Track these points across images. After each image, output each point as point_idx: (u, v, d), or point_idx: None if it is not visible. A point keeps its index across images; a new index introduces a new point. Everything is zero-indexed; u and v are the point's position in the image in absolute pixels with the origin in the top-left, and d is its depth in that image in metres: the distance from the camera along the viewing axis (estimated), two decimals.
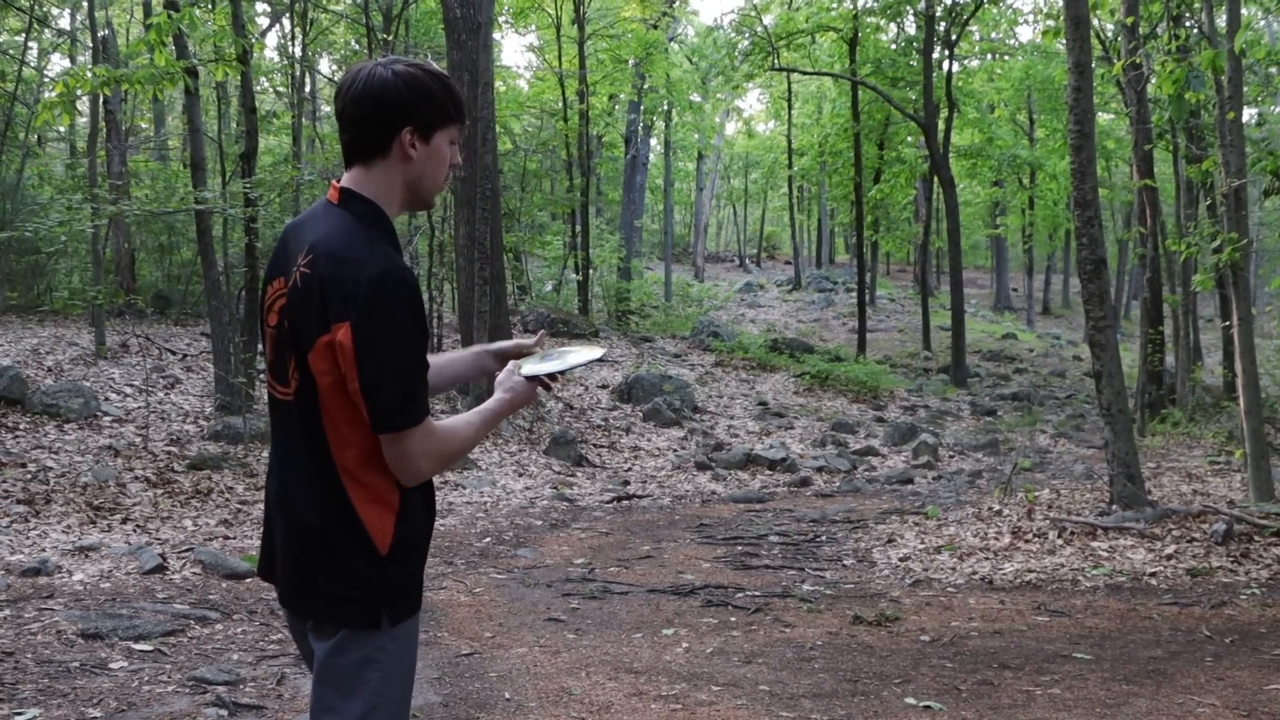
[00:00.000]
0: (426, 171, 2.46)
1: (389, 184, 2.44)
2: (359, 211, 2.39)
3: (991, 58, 37.72)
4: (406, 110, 2.38)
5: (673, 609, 7.42)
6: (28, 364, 13.96)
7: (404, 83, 2.37)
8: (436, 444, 2.35)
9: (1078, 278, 11.52)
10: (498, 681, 5.70)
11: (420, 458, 2.32)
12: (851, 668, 5.95)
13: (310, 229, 2.40)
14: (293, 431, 2.41)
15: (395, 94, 2.36)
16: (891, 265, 53.50)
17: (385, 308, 2.23)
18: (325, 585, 2.37)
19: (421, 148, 2.43)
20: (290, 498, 2.43)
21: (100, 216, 14.55)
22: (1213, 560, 8.29)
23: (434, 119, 2.43)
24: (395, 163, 2.42)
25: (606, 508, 12.14)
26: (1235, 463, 12.33)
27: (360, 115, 2.38)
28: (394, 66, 2.39)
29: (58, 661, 5.70)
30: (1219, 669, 5.86)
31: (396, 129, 2.38)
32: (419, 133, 2.41)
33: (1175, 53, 11.22)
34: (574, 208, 27.89)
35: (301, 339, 2.32)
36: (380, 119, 2.37)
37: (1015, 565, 8.54)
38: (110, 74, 11.82)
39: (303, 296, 2.30)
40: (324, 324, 2.26)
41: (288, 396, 2.40)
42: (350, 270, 2.25)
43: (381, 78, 2.36)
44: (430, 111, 2.42)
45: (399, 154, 2.41)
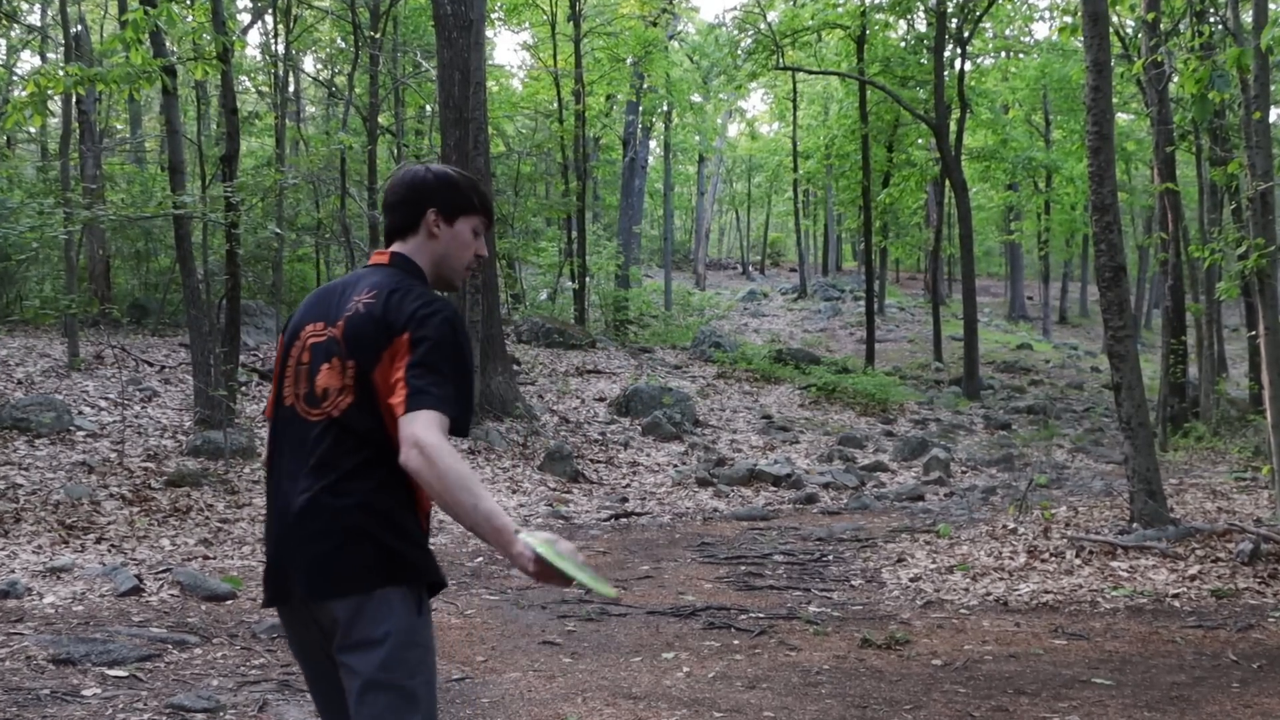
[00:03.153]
0: (451, 251, 2.97)
1: (421, 258, 2.95)
2: (409, 269, 2.92)
3: (1006, 56, 37.83)
4: (432, 194, 2.93)
5: (673, 631, 7.41)
6: None
7: (434, 175, 2.96)
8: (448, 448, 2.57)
9: (1096, 285, 11.54)
10: (490, 708, 5.70)
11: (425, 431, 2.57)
12: (860, 693, 5.94)
13: (365, 280, 2.89)
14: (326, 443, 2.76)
15: (424, 181, 2.94)
16: (901, 273, 53.58)
17: (440, 325, 2.70)
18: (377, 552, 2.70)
19: (445, 228, 2.94)
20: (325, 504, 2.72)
21: (73, 222, 14.54)
22: (1239, 581, 8.28)
23: (456, 205, 2.95)
24: (423, 240, 2.95)
25: (604, 526, 12.14)
26: (1262, 479, 12.32)
27: (397, 200, 2.95)
28: (431, 167, 2.98)
29: (27, 689, 5.69)
30: (1246, 695, 5.85)
31: (424, 209, 2.92)
32: (443, 214, 2.93)
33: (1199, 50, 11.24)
34: (570, 213, 27.92)
35: (365, 357, 2.74)
36: (412, 201, 2.93)
37: (1031, 586, 8.53)
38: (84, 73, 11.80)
39: (367, 320, 2.76)
40: (388, 338, 2.71)
41: (322, 416, 2.79)
42: (413, 299, 2.75)
43: (416, 171, 2.97)
44: (453, 197, 2.95)
45: (426, 232, 2.94)
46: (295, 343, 2.94)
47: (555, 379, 20.09)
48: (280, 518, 2.85)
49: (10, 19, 22.54)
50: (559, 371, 20.74)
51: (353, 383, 2.76)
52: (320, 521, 2.73)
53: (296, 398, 2.86)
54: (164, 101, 15.17)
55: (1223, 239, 13.74)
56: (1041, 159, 34.72)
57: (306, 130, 27.77)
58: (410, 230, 2.95)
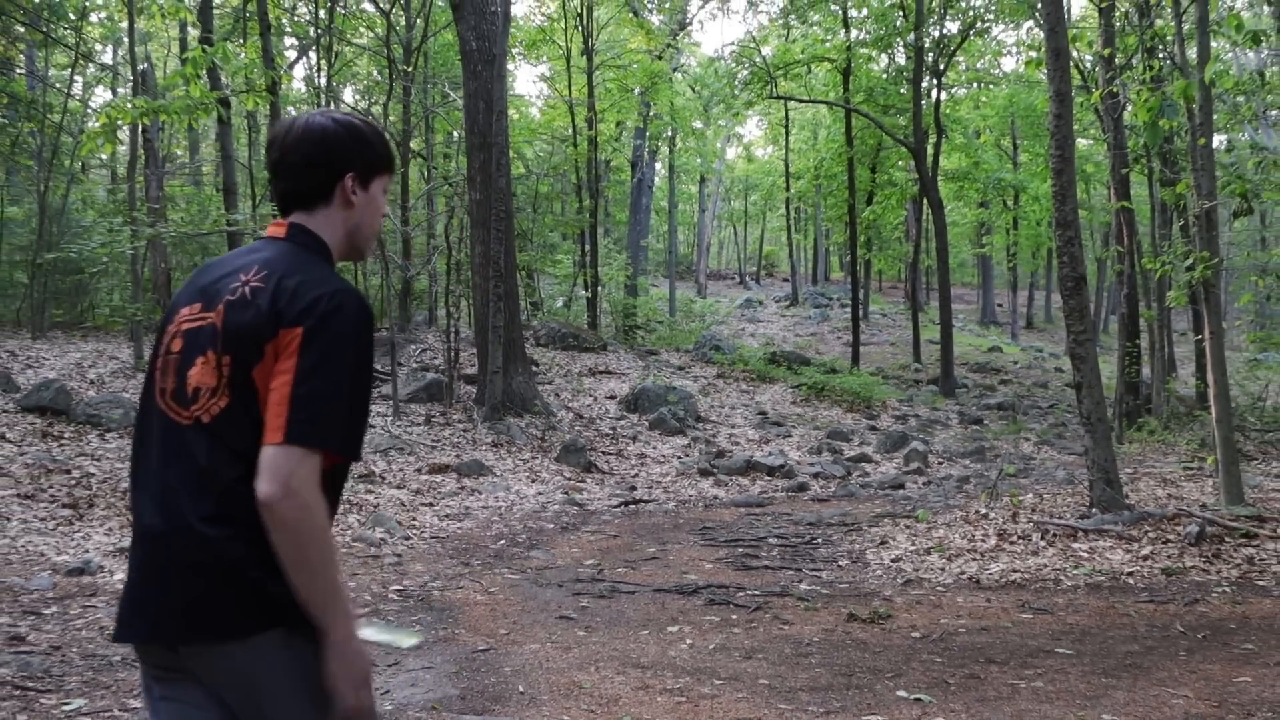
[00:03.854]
0: (364, 219, 2.38)
1: (330, 231, 2.34)
2: (309, 245, 2.30)
3: (977, 86, 37.76)
4: (349, 156, 2.31)
5: (677, 607, 7.43)
6: (71, 377, 14.01)
7: (346, 131, 2.31)
8: (318, 496, 2.04)
9: (1059, 294, 11.54)
10: (512, 676, 5.72)
11: (302, 486, 2.01)
12: (846, 662, 5.96)
13: (254, 255, 2.26)
14: (198, 454, 2.12)
15: (338, 141, 2.30)
16: (884, 282, 53.45)
17: (341, 324, 2.10)
18: (258, 592, 2.08)
19: (361, 194, 2.35)
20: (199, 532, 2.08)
21: (139, 238, 14.63)
22: (1186, 560, 8.29)
23: (373, 166, 2.36)
24: (336, 210, 2.33)
25: (615, 512, 12.16)
26: (1207, 468, 12.32)
27: (301, 161, 2.29)
28: (333, 116, 2.33)
29: (100, 656, 5.73)
30: (1192, 663, 5.86)
31: (340, 175, 2.31)
32: (360, 179, 2.34)
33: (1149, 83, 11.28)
34: (583, 228, 27.93)
35: (245, 351, 2.11)
36: (324, 165, 2.29)
37: (1001, 566, 8.55)
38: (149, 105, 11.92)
39: (251, 307, 2.13)
40: (274, 329, 2.09)
41: (190, 420, 2.15)
42: (311, 286, 2.13)
43: (323, 125, 2.30)
44: (371, 158, 2.35)
45: (340, 200, 2.33)
46: (169, 326, 2.29)
47: (570, 379, 20.11)
48: (145, 540, 2.17)
49: (86, 59, 22.68)
50: (574, 372, 20.76)
51: (228, 382, 2.12)
52: (193, 553, 2.08)
53: (163, 394, 2.22)
54: (219, 130, 15.24)
55: (1172, 252, 13.76)
56: (1010, 180, 34.67)
57: None
58: (319, 199, 2.32)
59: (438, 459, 13.42)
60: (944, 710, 5.14)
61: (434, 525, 10.65)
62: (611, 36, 31.97)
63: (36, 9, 18.83)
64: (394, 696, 5.29)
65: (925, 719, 5.03)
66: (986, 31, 31.30)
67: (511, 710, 5.15)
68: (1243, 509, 9.43)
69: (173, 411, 2.18)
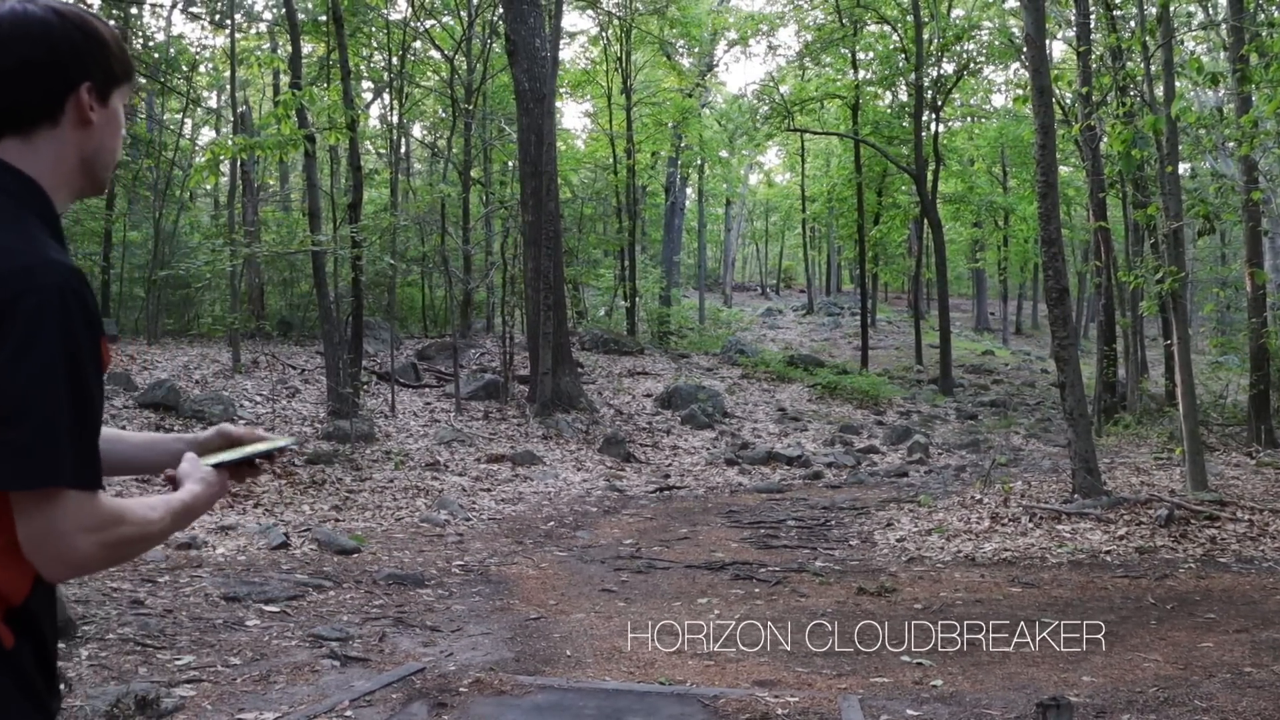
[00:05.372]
0: (105, 141, 1.49)
1: (56, 161, 1.43)
2: (8, 188, 1.38)
3: (971, 120, 37.51)
4: (81, 60, 1.42)
5: (706, 582, 7.45)
6: (180, 377, 14.20)
7: (75, 26, 1.42)
8: (102, 519, 1.32)
9: (1045, 303, 11.47)
10: (560, 641, 5.76)
11: (79, 534, 1.29)
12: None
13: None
14: None
15: (67, 40, 1.41)
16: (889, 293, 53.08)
17: (37, 311, 1.26)
18: None
19: (100, 110, 1.46)
20: None
21: (237, 257, 14.81)
22: (1157, 540, 8.22)
23: (113, 75, 1.48)
24: (68, 131, 1.43)
25: (650, 497, 12.18)
26: (1176, 458, 12.19)
27: (18, 66, 1.38)
28: (50, 4, 1.42)
29: (206, 619, 5.82)
30: (1161, 630, 5.82)
31: (72, 86, 1.42)
32: (99, 91, 1.45)
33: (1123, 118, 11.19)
34: (623, 246, 27.97)
35: None
36: (49, 71, 1.40)
37: (993, 545, 8.50)
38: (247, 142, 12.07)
39: None
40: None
41: None
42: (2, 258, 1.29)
43: (42, 18, 1.40)
44: (109, 64, 1.47)
45: (74, 119, 1.43)
46: None
47: (611, 379, 20.14)
48: None
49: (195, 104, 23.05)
50: (614, 373, 20.79)
51: None
52: None
53: None
54: (305, 162, 15.38)
55: (1144, 267, 13.60)
56: (1000, 202, 34.43)
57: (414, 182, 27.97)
58: (43, 118, 1.41)
59: (494, 450, 13.49)
60: (942, 673, 5.13)
61: (491, 508, 10.72)
62: (647, 77, 32.01)
63: (156, 63, 19.19)
64: (456, 659, 5.33)
65: (926, 680, 5.02)
66: (979, 72, 31.11)
67: (560, 671, 5.19)
68: (1206, 494, 9.35)
69: None
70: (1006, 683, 4.94)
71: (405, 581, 7.08)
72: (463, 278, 21.38)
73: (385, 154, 27.68)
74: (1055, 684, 4.86)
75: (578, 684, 4.89)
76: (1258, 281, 14.14)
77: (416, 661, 5.23)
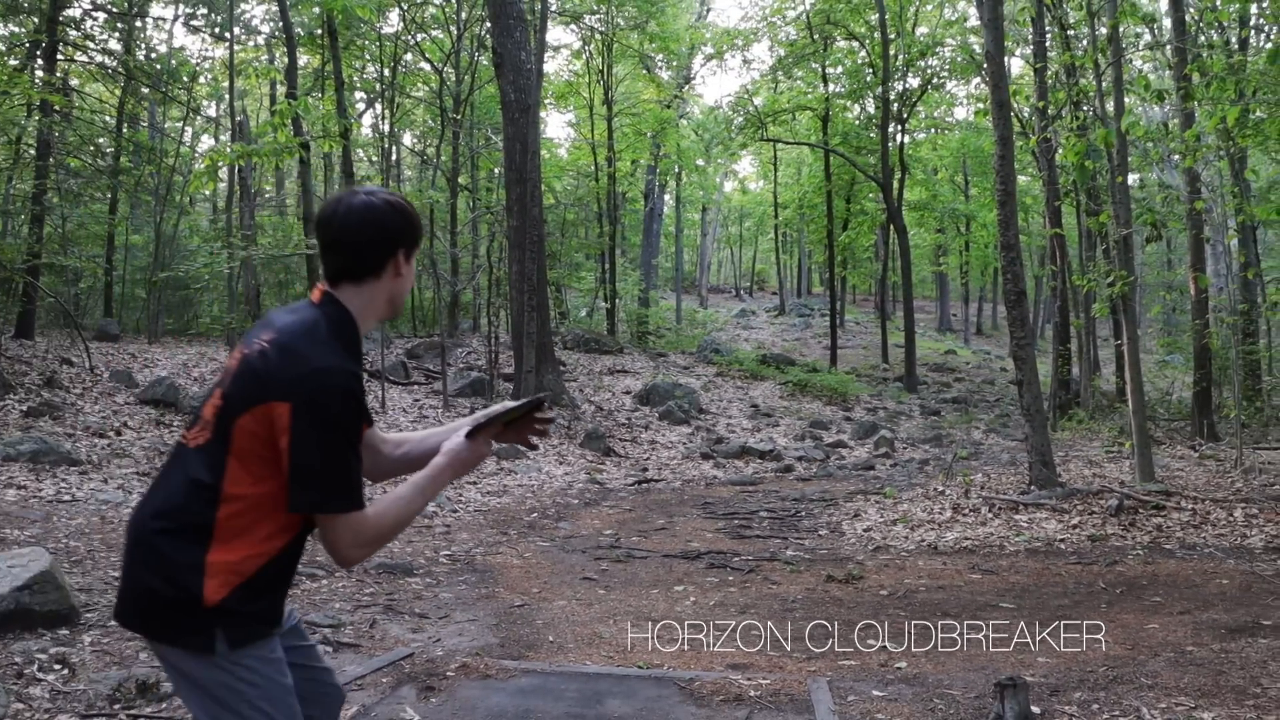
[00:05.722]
0: (405, 286, 2.14)
1: (372, 300, 2.09)
2: (332, 316, 2.03)
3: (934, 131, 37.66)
4: (399, 234, 2.07)
5: (683, 570, 7.45)
6: (179, 375, 14.09)
7: (398, 212, 2.08)
8: (367, 534, 1.98)
9: (1004, 305, 11.52)
10: (543, 627, 5.75)
11: (349, 547, 1.97)
12: (825, 616, 5.98)
13: (286, 316, 2.06)
14: (186, 469, 2.00)
15: (389, 220, 2.06)
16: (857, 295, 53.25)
17: (324, 401, 1.90)
18: (162, 609, 1.94)
19: (406, 267, 2.11)
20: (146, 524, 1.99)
21: (234, 260, 14.72)
22: (1108, 528, 8.29)
23: (415, 240, 2.13)
24: (385, 281, 2.08)
25: (629, 490, 12.18)
26: (1125, 452, 12.29)
27: (360, 240, 2.04)
28: (382, 196, 2.09)
29: None
30: (1111, 613, 5.87)
31: (392, 252, 2.07)
32: (407, 254, 2.11)
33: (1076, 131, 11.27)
34: (603, 250, 27.97)
35: (237, 401, 1.96)
36: (379, 242, 2.05)
37: (955, 534, 8.55)
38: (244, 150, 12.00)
39: (252, 367, 1.97)
40: (262, 397, 1.92)
41: (187, 441, 2.04)
42: (299, 361, 1.93)
43: (373, 206, 2.05)
44: (415, 235, 2.12)
45: (391, 273, 2.09)
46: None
47: (592, 377, 20.13)
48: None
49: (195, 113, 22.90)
50: (595, 371, 20.78)
51: (214, 423, 1.99)
52: (137, 548, 1.99)
53: (192, 419, 2.09)
54: (300, 169, 15.34)
55: (1096, 271, 13.71)
56: (962, 210, 34.66)
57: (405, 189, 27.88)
58: (371, 273, 2.07)
59: None
60: (907, 655, 5.16)
61: (477, 500, 10.69)
62: (628, 89, 31.99)
63: (158, 73, 19.04)
64: (444, 644, 5.32)
65: (891, 663, 5.05)
66: (942, 86, 31.25)
67: (543, 656, 5.18)
68: (1154, 485, 9.43)
69: (186, 433, 2.07)
70: (967, 664, 4.97)
71: (395, 571, 7.06)
72: (450, 280, 21.31)
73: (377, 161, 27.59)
74: (1012, 665, 4.89)
75: (560, 668, 4.88)
76: (1200, 285, 14.33)
77: (405, 647, 5.21)
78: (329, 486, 1.92)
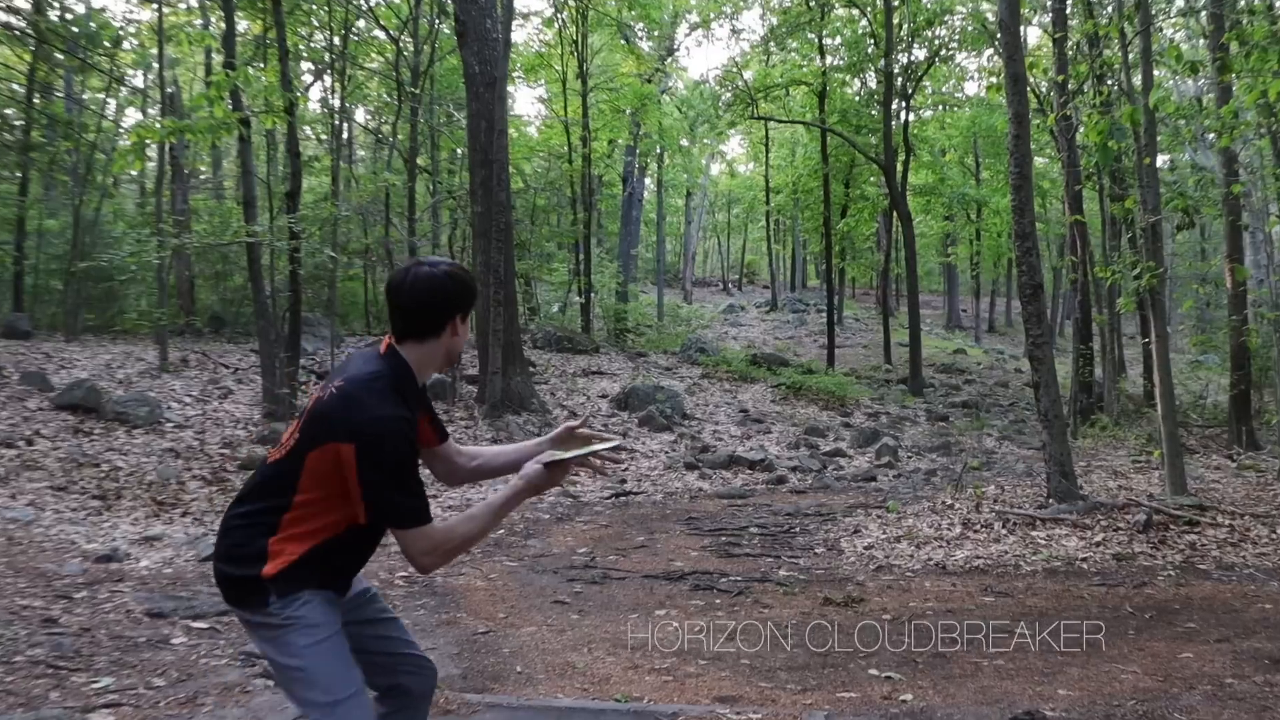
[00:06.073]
0: (458, 344, 2.77)
1: (432, 355, 2.73)
2: (395, 368, 2.67)
3: (942, 109, 37.81)
4: (455, 302, 2.69)
5: (665, 592, 7.41)
6: (102, 377, 13.94)
7: (451, 280, 2.68)
8: (434, 543, 2.61)
9: (1019, 300, 11.55)
10: (510, 656, 5.70)
11: (420, 555, 2.61)
12: (822, 643, 5.95)
13: (357, 363, 2.71)
14: (268, 478, 2.70)
15: (447, 290, 2.67)
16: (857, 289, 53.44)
17: (380, 443, 2.52)
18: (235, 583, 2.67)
19: (462, 326, 2.74)
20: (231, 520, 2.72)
21: (165, 248, 14.57)
22: (1135, 546, 8.30)
23: (470, 305, 2.76)
24: (444, 339, 2.72)
25: (606, 503, 12.13)
26: (1154, 461, 12.35)
27: (418, 307, 2.67)
28: (440, 267, 2.70)
29: (127, 637, 5.70)
30: (1140, 641, 5.87)
31: (451, 316, 2.70)
32: (464, 316, 2.74)
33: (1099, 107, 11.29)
34: (577, 239, 27.89)
35: (308, 439, 2.61)
36: (437, 309, 2.67)
37: (965, 552, 8.55)
38: (176, 125, 11.86)
39: (324, 408, 2.61)
40: (329, 437, 2.56)
41: (273, 457, 2.72)
42: (360, 409, 2.54)
43: (435, 278, 2.67)
44: (471, 300, 2.75)
45: (449, 333, 2.72)
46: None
47: (565, 379, 20.07)
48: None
49: (119, 83, 22.58)
50: (568, 373, 20.72)
51: (291, 449, 2.66)
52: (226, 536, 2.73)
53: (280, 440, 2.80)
54: (240, 147, 15.15)
55: (1121, 262, 13.78)
56: (973, 195, 34.75)
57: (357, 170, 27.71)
58: (432, 334, 2.71)
59: None
60: (912, 687, 5.13)
61: (437, 515, 10.59)
62: (604, 61, 31.93)
63: (75, 37, 18.77)
64: None
65: (895, 695, 5.02)
66: (951, 59, 31.36)
67: (510, 689, 5.13)
68: (1186, 499, 9.46)
69: (270, 449, 2.91)
70: (979, 696, 4.95)
71: None
72: None
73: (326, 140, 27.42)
74: (1030, 697, 4.87)
75: (528, 702, 4.83)
76: (1238, 278, 14.25)
77: None
78: (393, 509, 2.57)
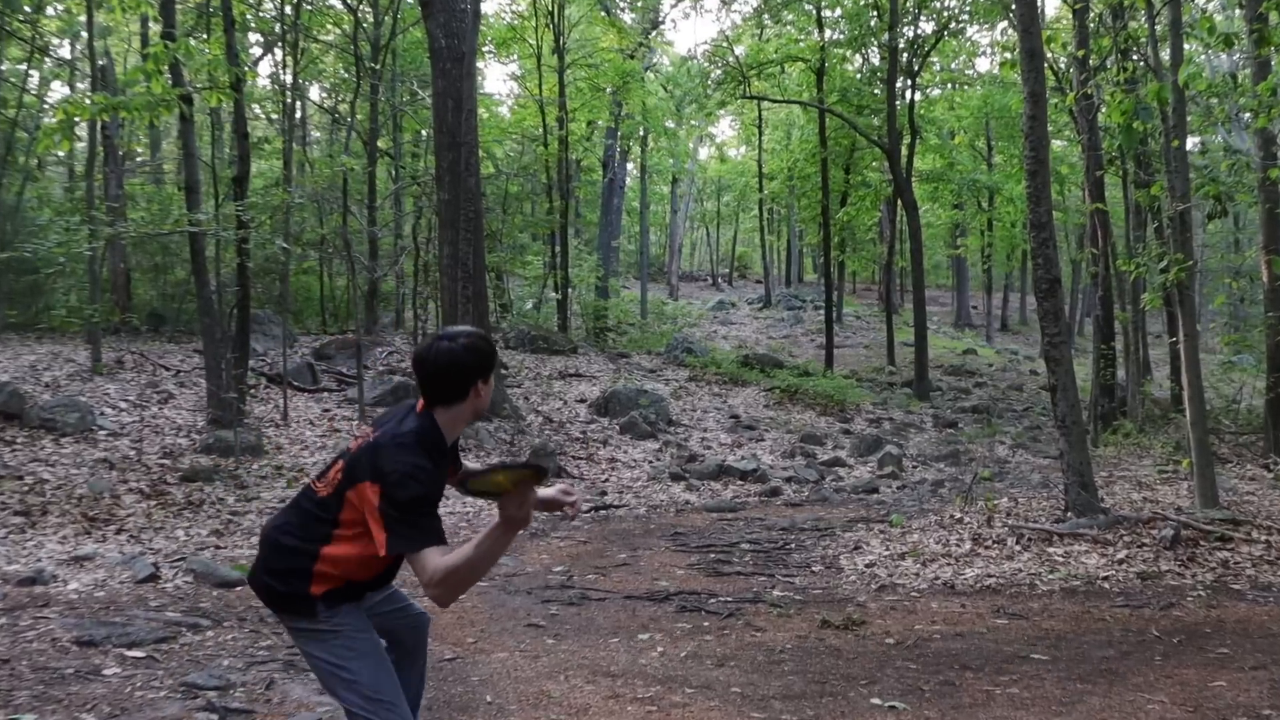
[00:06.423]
0: (483, 404, 3.33)
1: (459, 416, 3.30)
2: (424, 428, 3.24)
3: (952, 87, 37.97)
4: (475, 371, 3.25)
5: (648, 614, 7.40)
6: (26, 380, 13.85)
7: (469, 352, 3.24)
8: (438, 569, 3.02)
9: (1034, 296, 11.58)
10: (480, 685, 5.68)
11: (428, 585, 3.03)
12: (820, 670, 5.94)
13: (393, 419, 3.36)
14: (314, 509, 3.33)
15: (465, 363, 3.23)
16: (858, 284, 53.64)
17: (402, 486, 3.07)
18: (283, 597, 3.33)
19: (485, 389, 3.31)
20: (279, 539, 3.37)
21: (97, 238, 14.46)
22: (1161, 564, 8.32)
23: (490, 369, 3.31)
24: (469, 402, 3.29)
25: (585, 517, 12.11)
26: (1182, 471, 12.39)
27: (442, 379, 3.23)
28: (459, 341, 3.25)
29: (53, 668, 5.64)
30: (1167, 668, 5.88)
31: (472, 382, 3.26)
32: (485, 381, 3.29)
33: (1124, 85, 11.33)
34: (553, 229, 27.87)
35: (347, 479, 3.24)
36: (461, 380, 3.24)
37: (976, 570, 8.56)
38: (108, 101, 11.77)
39: (360, 456, 3.24)
40: (363, 478, 3.17)
41: (315, 489, 3.37)
42: (388, 459, 3.13)
43: (454, 352, 3.23)
44: (490, 366, 3.31)
45: (473, 397, 3.28)
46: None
47: (540, 382, 20.05)
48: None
49: (43, 53, 22.40)
50: (543, 375, 20.70)
51: (336, 486, 3.27)
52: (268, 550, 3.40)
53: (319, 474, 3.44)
54: (181, 127, 15.08)
55: (1147, 254, 13.80)
56: (984, 181, 34.91)
57: (312, 153, 27.64)
58: (458, 400, 3.26)
59: None
60: (918, 718, 5.13)
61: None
62: (583, 35, 31.93)
63: None
64: None
65: None
66: (961, 32, 31.47)
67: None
68: (1217, 512, 9.49)
69: (314, 482, 3.41)
70: None
71: None
72: (368, 265, 21.15)
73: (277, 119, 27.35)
74: None
75: None
76: (1275, 271, 14.21)
77: (310, 712, 5.12)
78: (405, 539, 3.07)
